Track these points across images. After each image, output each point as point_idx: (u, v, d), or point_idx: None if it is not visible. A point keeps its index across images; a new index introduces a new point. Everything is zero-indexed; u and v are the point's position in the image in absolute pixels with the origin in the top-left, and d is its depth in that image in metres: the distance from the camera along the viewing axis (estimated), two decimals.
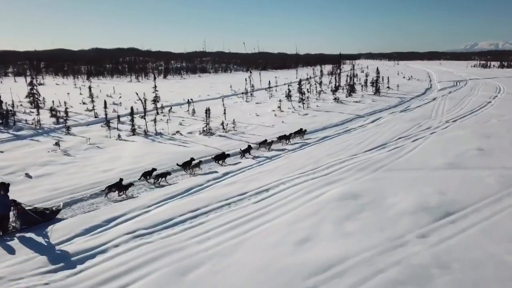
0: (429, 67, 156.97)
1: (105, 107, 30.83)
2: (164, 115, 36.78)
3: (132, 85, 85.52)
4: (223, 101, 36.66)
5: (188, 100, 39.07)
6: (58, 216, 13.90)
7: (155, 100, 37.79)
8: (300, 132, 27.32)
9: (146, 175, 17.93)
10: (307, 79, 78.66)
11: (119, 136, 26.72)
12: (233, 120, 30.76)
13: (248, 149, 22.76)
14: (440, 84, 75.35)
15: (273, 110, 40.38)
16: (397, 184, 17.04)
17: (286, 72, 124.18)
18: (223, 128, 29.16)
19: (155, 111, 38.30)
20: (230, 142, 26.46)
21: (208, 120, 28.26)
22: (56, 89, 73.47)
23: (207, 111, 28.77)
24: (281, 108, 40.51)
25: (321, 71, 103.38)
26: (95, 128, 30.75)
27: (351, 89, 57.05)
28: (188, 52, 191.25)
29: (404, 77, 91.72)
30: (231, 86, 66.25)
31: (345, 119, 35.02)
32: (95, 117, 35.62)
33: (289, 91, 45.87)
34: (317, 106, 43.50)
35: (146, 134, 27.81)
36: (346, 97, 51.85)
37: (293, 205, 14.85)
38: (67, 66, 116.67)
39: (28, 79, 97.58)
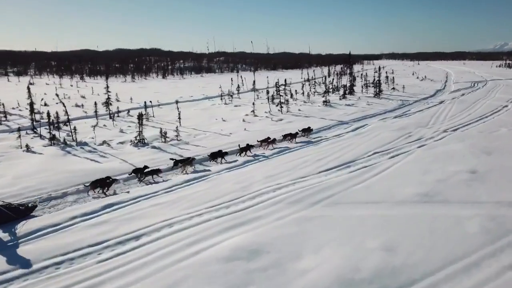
0: (450, 67, 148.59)
1: (32, 111, 26.41)
2: (113, 120, 32.25)
3: (123, 85, 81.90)
4: (177, 104, 31.78)
5: (145, 102, 34.37)
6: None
7: (107, 102, 33.30)
8: (308, 130, 26.38)
9: (137, 172, 17.40)
10: (308, 79, 73.72)
11: (27, 147, 22.18)
12: (176, 127, 25.92)
13: (247, 148, 21.60)
14: (455, 85, 68.80)
15: (246, 115, 35.40)
16: (331, 230, 11.82)
17: (294, 72, 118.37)
18: (164, 137, 24.28)
19: (108, 115, 33.86)
20: (162, 155, 21.65)
21: (141, 128, 23.43)
22: (41, 89, 70.21)
23: (140, 117, 23.96)
24: (256, 113, 35.43)
25: (329, 71, 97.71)
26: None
27: (350, 91, 51.45)
28: (210, 52, 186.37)
29: (417, 78, 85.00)
30: (220, 87, 61.26)
31: (323, 127, 29.71)
32: (35, 121, 31.26)
33: (268, 92, 40.67)
34: (299, 110, 38.21)
35: (66, 144, 23.18)
36: (340, 99, 46.28)
37: (150, 269, 9.86)
38: (65, 66, 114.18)
39: (23, 79, 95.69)
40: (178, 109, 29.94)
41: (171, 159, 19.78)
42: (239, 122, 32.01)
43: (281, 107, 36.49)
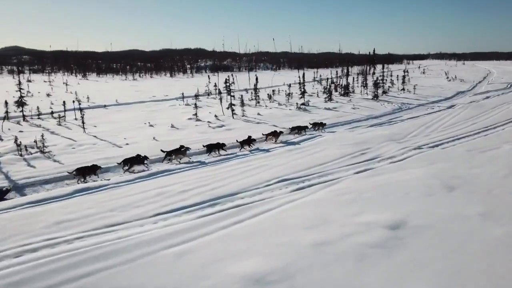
0: (498, 67, 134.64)
1: None
2: (18, 124, 27.37)
3: (117, 83, 78.51)
4: (79, 103, 26.21)
5: (64, 102, 29.19)
6: None
7: (20, 102, 28.43)
8: (320, 125, 25.55)
9: (127, 162, 16.65)
10: (314, 79, 67.89)
11: None
12: (42, 136, 20.27)
13: (248, 141, 20.49)
14: (488, 86, 59.59)
15: (189, 118, 29.59)
16: None
17: (312, 71, 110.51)
18: (22, 149, 18.81)
19: (22, 117, 29.01)
20: None
21: None
22: (29, 87, 67.65)
23: None
24: (200, 117, 29.43)
25: (347, 71, 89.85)
26: None
27: (345, 92, 44.13)
28: (252, 52, 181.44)
29: (447, 77, 75.21)
30: (207, 86, 55.64)
31: (260, 138, 23.08)
32: None
33: (227, 91, 34.35)
34: (258, 114, 31.74)
35: None
36: (326, 101, 39.16)
37: None
38: (76, 65, 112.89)
39: (33, 76, 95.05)
40: (81, 112, 24.37)
41: (162, 150, 18.06)
42: (165, 128, 26.20)
43: (233, 110, 30.09)
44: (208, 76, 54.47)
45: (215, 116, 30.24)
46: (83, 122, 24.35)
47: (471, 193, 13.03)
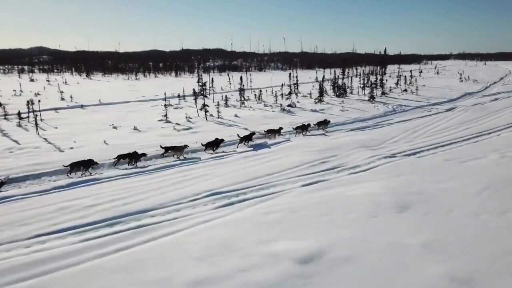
0: None
1: None
2: None
3: (119, 82, 77.71)
4: (32, 104, 24.69)
5: (27, 102, 27.80)
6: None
7: None
8: (324, 123, 24.81)
9: (121, 158, 16.69)
10: (322, 79, 65.32)
11: None
12: None
13: (249, 136, 20.41)
14: (502, 87, 56.28)
15: (160, 120, 27.98)
16: None
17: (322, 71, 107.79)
18: None
19: None
20: None
21: None
22: (27, 86, 67.47)
23: None
24: (170, 118, 27.74)
25: (343, 71, 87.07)
26: None
27: (340, 92, 41.75)
28: (272, 52, 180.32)
29: (460, 78, 71.69)
30: (200, 86, 53.98)
31: (226, 142, 21.14)
32: None
33: (200, 92, 32.60)
34: (235, 115, 29.84)
35: None
36: (316, 103, 36.96)
37: None
38: (83, 64, 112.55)
39: (37, 75, 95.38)
40: (34, 113, 22.90)
41: (161, 146, 18.31)
42: (126, 131, 24.53)
43: (206, 111, 28.32)
44: (198, 75, 52.57)
45: (188, 117, 28.48)
46: (36, 124, 22.86)
47: (426, 214, 10.81)
